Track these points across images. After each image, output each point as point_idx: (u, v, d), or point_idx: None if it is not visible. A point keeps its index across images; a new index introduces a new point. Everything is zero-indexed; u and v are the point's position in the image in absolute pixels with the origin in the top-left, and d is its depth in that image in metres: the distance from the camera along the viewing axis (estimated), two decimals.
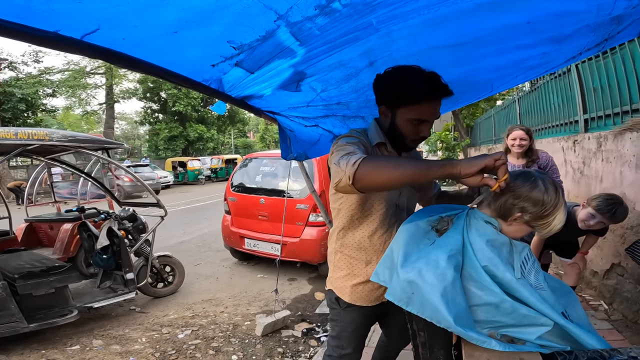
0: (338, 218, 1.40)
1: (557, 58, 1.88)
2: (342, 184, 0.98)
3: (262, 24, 0.99)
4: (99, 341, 2.99)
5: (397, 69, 1.22)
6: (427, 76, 1.18)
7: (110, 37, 0.93)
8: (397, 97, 1.20)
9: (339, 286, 1.40)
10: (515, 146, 2.84)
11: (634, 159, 2.53)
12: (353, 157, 0.98)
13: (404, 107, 1.21)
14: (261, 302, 3.76)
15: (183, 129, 28.31)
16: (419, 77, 1.17)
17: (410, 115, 1.21)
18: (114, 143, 4.07)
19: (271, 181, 4.62)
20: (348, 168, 0.96)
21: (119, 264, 3.45)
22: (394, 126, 1.26)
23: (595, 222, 2.06)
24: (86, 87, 24.31)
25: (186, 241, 6.50)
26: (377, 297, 1.39)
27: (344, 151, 1.06)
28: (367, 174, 0.95)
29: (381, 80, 1.25)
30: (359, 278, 1.37)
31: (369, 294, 1.38)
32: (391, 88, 1.22)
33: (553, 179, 1.08)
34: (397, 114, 1.24)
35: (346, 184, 0.96)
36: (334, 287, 1.43)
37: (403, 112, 1.22)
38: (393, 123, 1.26)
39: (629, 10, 1.38)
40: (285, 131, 2.16)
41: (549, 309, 0.95)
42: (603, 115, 3.19)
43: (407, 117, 1.21)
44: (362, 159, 0.97)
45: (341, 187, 0.99)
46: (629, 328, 2.54)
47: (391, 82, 1.22)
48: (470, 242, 1.03)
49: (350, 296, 1.38)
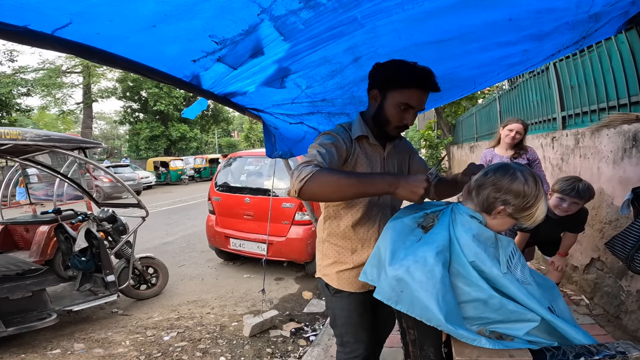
0: (325, 208, 1.47)
1: (537, 55, 1.92)
2: (291, 195, 1.09)
3: (245, 18, 0.96)
4: (80, 345, 2.90)
5: (395, 60, 1.30)
6: (420, 68, 1.26)
7: (83, 31, 0.89)
8: (390, 79, 1.26)
9: (327, 273, 1.47)
10: (509, 138, 2.91)
11: (611, 154, 2.61)
12: (304, 171, 1.05)
13: (394, 90, 1.26)
14: (248, 303, 3.71)
15: (165, 129, 27.73)
16: (412, 67, 1.26)
17: (400, 98, 1.26)
18: (91, 142, 3.93)
19: (256, 180, 4.56)
20: (296, 183, 1.05)
21: (99, 266, 3.34)
22: (382, 110, 1.31)
23: (567, 204, 2.11)
24: (62, 86, 23.47)
25: (169, 242, 6.37)
26: (364, 284, 1.41)
27: (307, 157, 1.15)
28: (311, 191, 1.05)
29: (378, 67, 1.32)
30: (345, 265, 1.43)
31: (355, 280, 1.41)
32: (386, 72, 1.28)
33: (532, 170, 1.09)
34: (387, 97, 1.29)
35: (293, 195, 1.07)
36: (322, 275, 1.50)
37: (393, 95, 1.27)
38: (381, 107, 1.31)
39: (607, 8, 1.41)
40: (269, 129, 2.13)
41: (536, 304, 0.96)
42: (580, 113, 3.27)
43: (396, 100, 1.26)
44: (309, 176, 1.04)
45: (291, 196, 1.09)
46: (610, 323, 2.58)
47: (387, 67, 1.29)
48: (456, 237, 1.03)
49: (337, 282, 1.44)
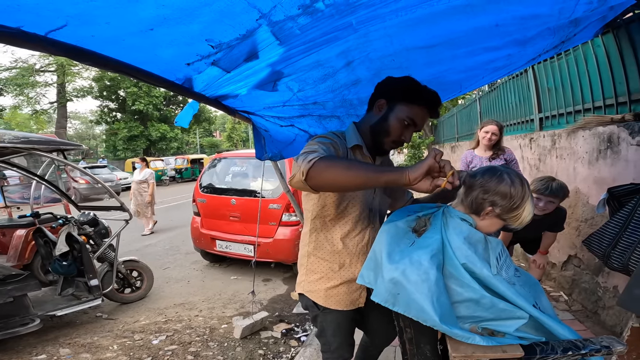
0: (311, 220, 1.38)
1: (519, 60, 1.99)
2: (295, 180, 1.00)
3: (243, 23, 0.97)
4: (66, 349, 2.82)
5: (410, 77, 1.31)
6: (433, 92, 1.28)
7: (78, 34, 0.87)
8: (406, 92, 1.26)
9: (313, 289, 1.39)
10: (486, 139, 3.00)
11: (587, 155, 2.73)
12: (311, 155, 1.00)
13: (404, 104, 1.26)
14: (237, 304, 3.68)
15: (144, 129, 27.11)
16: (426, 88, 1.28)
17: (407, 113, 1.26)
18: (71, 144, 3.82)
19: (242, 181, 4.53)
20: (303, 164, 0.98)
21: (81, 271, 3.26)
22: (385, 121, 1.29)
23: (544, 203, 2.20)
24: (35, 85, 22.62)
25: (152, 244, 6.24)
26: (352, 302, 1.40)
27: (308, 149, 1.09)
28: (320, 172, 0.96)
29: (393, 79, 1.32)
30: (333, 281, 1.36)
31: (344, 297, 1.38)
32: (403, 85, 1.28)
33: (518, 172, 1.14)
34: (394, 109, 1.28)
35: (299, 179, 0.98)
36: (306, 291, 1.41)
37: (401, 108, 1.26)
38: (385, 118, 1.29)
39: (587, 13, 1.48)
40: (259, 131, 2.12)
41: (524, 302, 1.01)
42: (557, 114, 3.41)
43: (403, 114, 1.26)
44: (319, 157, 0.98)
45: (295, 182, 1.01)
46: (589, 318, 2.68)
47: (405, 81, 1.29)
48: (448, 240, 1.07)
49: (325, 300, 1.37)
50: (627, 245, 1.74)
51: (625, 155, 2.29)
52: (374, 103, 1.33)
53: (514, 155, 3.10)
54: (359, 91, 1.77)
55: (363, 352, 1.73)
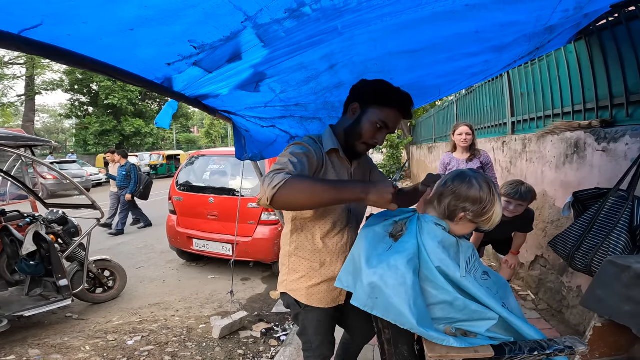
0: (291, 221, 1.42)
1: (496, 65, 2.06)
2: (262, 203, 1.05)
3: (228, 25, 0.96)
4: (35, 350, 2.71)
5: (382, 80, 1.35)
6: (404, 92, 1.31)
7: (53, 33, 0.84)
8: (377, 96, 1.29)
9: (295, 288, 1.42)
10: (461, 141, 3.10)
11: (554, 159, 2.86)
12: (276, 178, 1.03)
13: (376, 107, 1.29)
14: (215, 304, 3.64)
15: (117, 123, 26.21)
16: (399, 91, 1.31)
17: (379, 115, 1.29)
18: (39, 140, 3.66)
19: (220, 180, 4.47)
20: (268, 190, 1.02)
21: (50, 270, 3.14)
22: (357, 124, 1.32)
23: (514, 206, 2.32)
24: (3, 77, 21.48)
25: (125, 242, 6.06)
26: (333, 299, 1.44)
27: (278, 164, 1.13)
28: (284, 198, 1.02)
29: (366, 82, 1.35)
30: (314, 280, 1.40)
31: (325, 295, 1.41)
32: (375, 88, 1.31)
33: (485, 176, 1.18)
34: (366, 112, 1.30)
35: (265, 203, 1.04)
36: (288, 290, 1.44)
37: (373, 111, 1.29)
38: (358, 121, 1.32)
39: (562, 21, 1.55)
40: (240, 131, 2.10)
41: (494, 303, 1.06)
42: (528, 119, 3.55)
43: (375, 117, 1.29)
44: (282, 183, 1.02)
45: (262, 204, 1.06)
46: (554, 317, 2.80)
47: (377, 84, 1.32)
48: (424, 245, 1.11)
49: (307, 298, 1.41)
50: (590, 247, 1.84)
51: (590, 161, 2.41)
52: (348, 107, 1.36)
53: (490, 159, 3.21)
54: (342, 94, 1.79)
55: (344, 350, 1.76)
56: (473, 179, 1.13)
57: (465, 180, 1.13)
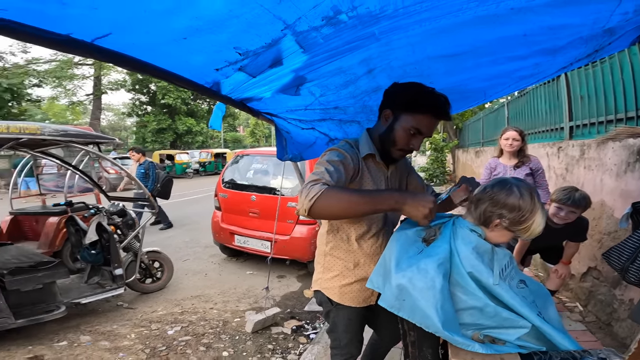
0: (328, 222, 1.46)
1: (549, 68, 1.95)
2: (300, 214, 1.10)
3: (269, 32, 1.02)
4: (86, 337, 2.96)
5: (415, 83, 1.31)
6: (438, 95, 1.28)
7: (120, 41, 0.95)
8: (407, 102, 1.28)
9: (328, 287, 1.46)
10: (508, 146, 2.96)
11: (615, 167, 2.64)
12: (313, 190, 1.06)
13: (408, 114, 1.28)
14: (250, 299, 3.78)
15: (172, 122, 28.01)
16: (431, 93, 1.28)
17: (412, 122, 1.28)
18: (105, 137, 4.00)
19: (262, 178, 4.62)
20: (305, 202, 1.06)
21: (107, 260, 3.40)
22: (391, 131, 1.32)
23: (565, 212, 2.20)
24: (73, 77, 23.80)
25: (173, 236, 6.43)
26: (365, 299, 1.46)
27: (315, 174, 1.15)
28: (320, 210, 1.06)
29: (397, 87, 1.33)
30: (347, 279, 1.43)
31: (357, 295, 1.44)
32: (405, 94, 1.29)
33: (530, 185, 1.14)
34: (399, 119, 1.30)
35: (303, 214, 1.08)
36: (322, 288, 1.49)
37: (405, 118, 1.29)
38: (391, 128, 1.32)
39: (622, 23, 1.45)
40: (281, 132, 2.18)
41: (528, 311, 1.02)
42: (588, 124, 3.30)
43: (407, 124, 1.28)
44: (318, 194, 1.05)
45: (300, 214, 1.10)
46: (601, 330, 2.63)
47: (407, 89, 1.30)
48: (456, 250, 1.10)
49: (339, 297, 1.45)
50: None
51: None
52: (382, 112, 1.36)
53: (541, 165, 3.03)
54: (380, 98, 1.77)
55: (371, 350, 1.77)
56: (514, 186, 1.10)
57: (506, 187, 1.11)
